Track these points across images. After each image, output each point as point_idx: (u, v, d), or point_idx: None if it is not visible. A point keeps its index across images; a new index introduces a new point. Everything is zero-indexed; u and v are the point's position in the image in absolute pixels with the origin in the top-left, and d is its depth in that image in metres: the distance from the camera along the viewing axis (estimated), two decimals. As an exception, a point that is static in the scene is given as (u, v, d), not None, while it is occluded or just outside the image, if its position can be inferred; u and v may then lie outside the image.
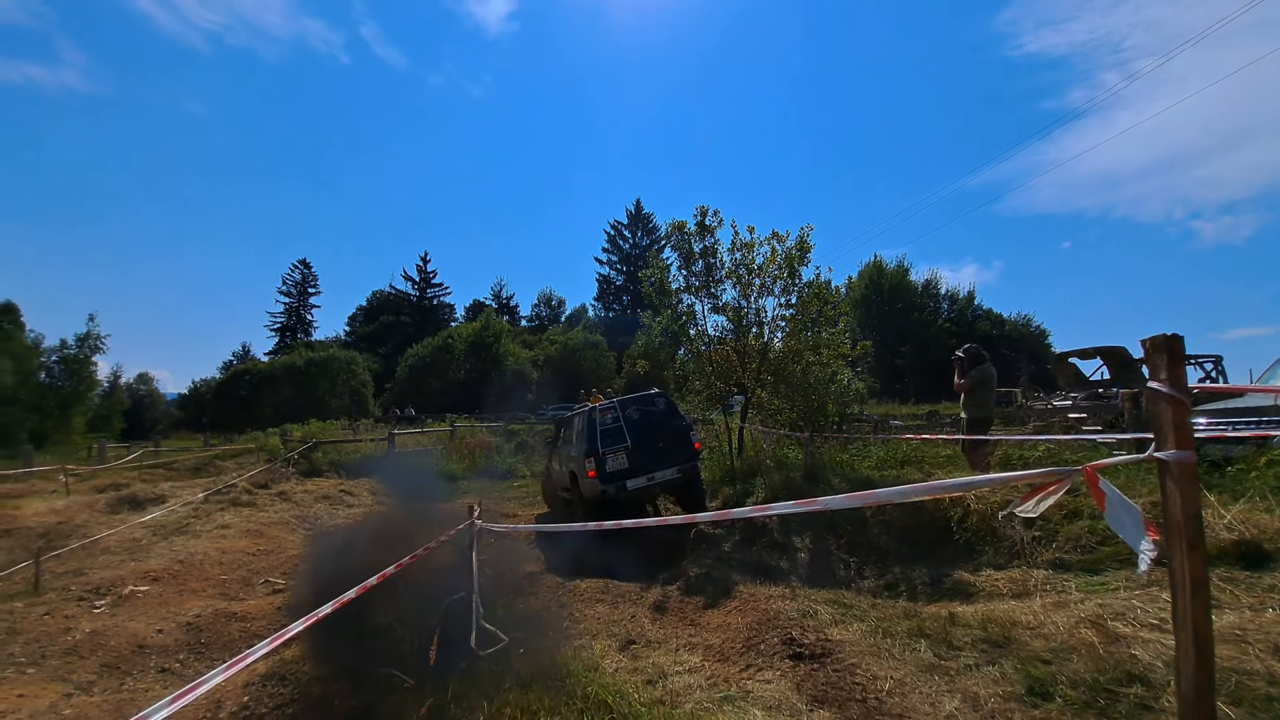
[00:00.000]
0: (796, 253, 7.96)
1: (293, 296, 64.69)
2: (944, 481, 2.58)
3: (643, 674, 3.78)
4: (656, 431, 7.73)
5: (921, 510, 5.69)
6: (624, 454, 7.47)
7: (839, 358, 8.37)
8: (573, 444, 8.35)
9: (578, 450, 7.91)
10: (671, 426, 7.86)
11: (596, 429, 7.59)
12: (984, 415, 6.53)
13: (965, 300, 43.08)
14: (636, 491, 7.44)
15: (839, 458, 7.83)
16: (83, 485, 12.52)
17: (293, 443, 16.98)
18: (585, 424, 7.88)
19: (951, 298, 43.45)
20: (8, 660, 5.06)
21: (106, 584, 7.12)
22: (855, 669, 3.46)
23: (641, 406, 8.00)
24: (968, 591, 4.58)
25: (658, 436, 7.68)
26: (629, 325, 46.84)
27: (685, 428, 7.91)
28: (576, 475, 7.84)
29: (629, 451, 7.48)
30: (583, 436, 7.85)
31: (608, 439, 7.55)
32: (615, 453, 7.44)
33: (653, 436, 7.66)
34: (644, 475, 7.40)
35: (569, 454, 8.39)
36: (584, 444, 7.71)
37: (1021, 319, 41.78)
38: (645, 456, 7.47)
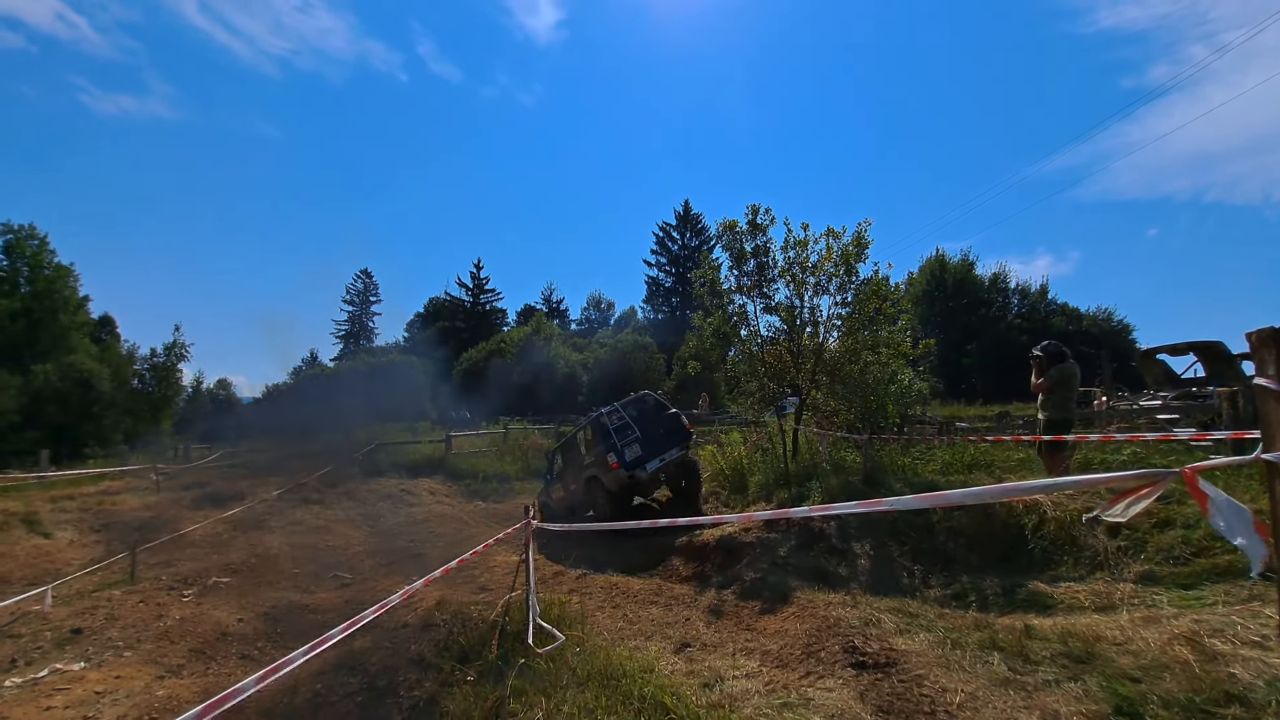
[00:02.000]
0: (853, 249, 7.71)
1: (356, 305, 67.96)
2: (1023, 483, 2.42)
3: (699, 677, 3.73)
4: (656, 422, 8.97)
5: (993, 516, 5.40)
6: (636, 444, 8.59)
7: (899, 357, 8.03)
8: (584, 454, 9.41)
9: (596, 453, 8.92)
10: (666, 415, 9.17)
11: (610, 428, 8.68)
12: (1063, 417, 6.12)
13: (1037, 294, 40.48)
14: (655, 471, 8.57)
15: (900, 461, 7.52)
16: (171, 483, 13.50)
17: (357, 444, 17.77)
18: (597, 428, 8.92)
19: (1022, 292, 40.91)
20: (107, 644, 5.50)
21: (193, 575, 7.65)
22: (923, 680, 3.32)
23: (637, 406, 9.23)
24: (1044, 603, 4.34)
25: (658, 425, 8.93)
26: (678, 327, 46.75)
27: (676, 415, 9.29)
28: (598, 476, 8.77)
29: (640, 441, 8.61)
30: (597, 439, 8.89)
31: (621, 434, 8.64)
32: (630, 444, 8.55)
33: (654, 426, 8.88)
34: (657, 458, 8.60)
35: (584, 464, 9.35)
36: (601, 444, 8.72)
37: (1101, 313, 38.99)
38: (654, 442, 8.68)
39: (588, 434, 9.54)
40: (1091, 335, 34.47)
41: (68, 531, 9.60)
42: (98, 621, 5.98)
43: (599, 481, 8.75)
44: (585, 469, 9.26)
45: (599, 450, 8.80)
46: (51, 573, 7.64)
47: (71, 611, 6.23)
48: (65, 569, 7.87)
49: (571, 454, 10.19)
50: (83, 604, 6.48)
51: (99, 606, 6.38)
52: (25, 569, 7.89)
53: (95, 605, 6.42)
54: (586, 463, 9.27)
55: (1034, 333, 31.03)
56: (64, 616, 6.09)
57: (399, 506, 12.74)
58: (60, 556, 8.52)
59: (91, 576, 7.47)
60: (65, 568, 7.95)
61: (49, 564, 8.14)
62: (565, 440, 10.77)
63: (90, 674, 4.81)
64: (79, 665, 5.03)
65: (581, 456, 9.65)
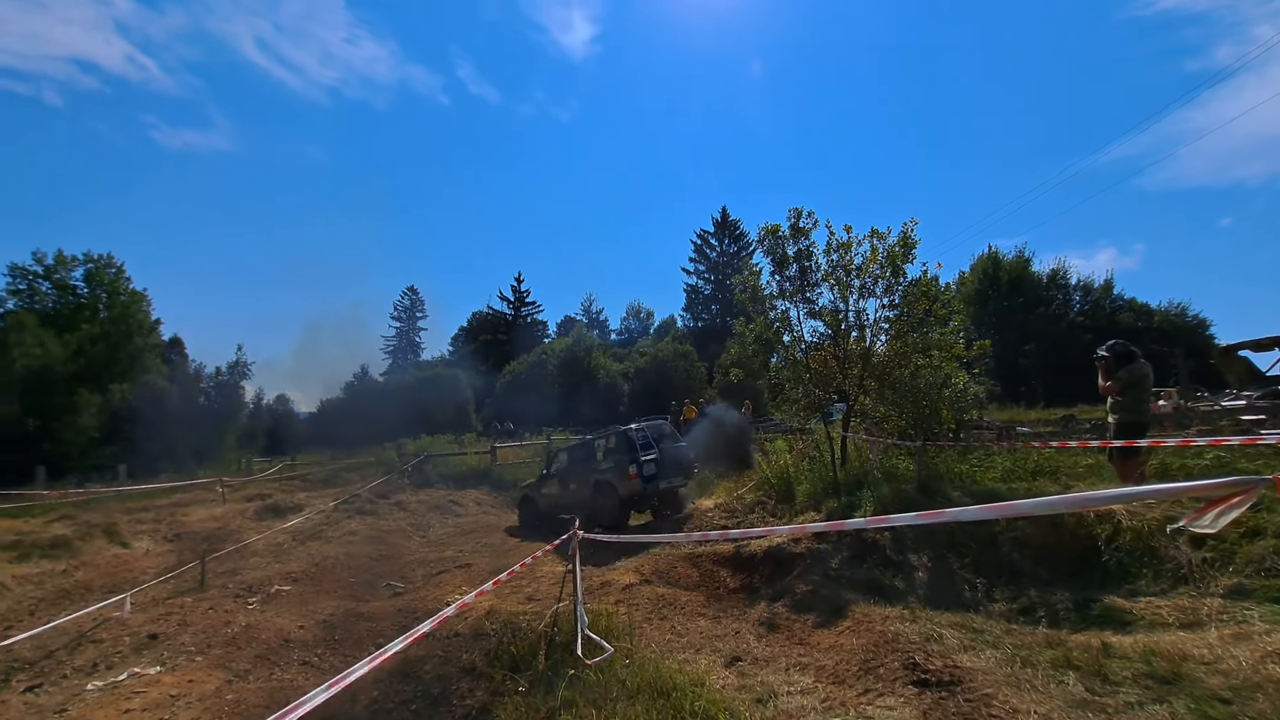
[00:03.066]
0: (899, 250, 7.47)
1: (403, 321, 70.15)
2: (1102, 493, 2.27)
3: (751, 692, 3.64)
4: (671, 448, 10.11)
5: (1061, 527, 5.10)
6: (654, 463, 9.63)
7: (952, 359, 7.72)
8: (599, 460, 10.34)
9: (615, 461, 9.89)
10: (679, 446, 10.43)
11: (636, 443, 9.74)
12: (1137, 420, 5.72)
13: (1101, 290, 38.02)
14: (663, 490, 9.74)
15: (957, 469, 7.19)
16: (235, 495, 14.16)
17: (406, 456, 18.29)
18: (622, 440, 10.01)
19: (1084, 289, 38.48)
20: (180, 649, 5.78)
21: (257, 583, 7.98)
22: (991, 700, 3.16)
23: (659, 429, 10.44)
24: (1123, 619, 4.07)
25: (673, 452, 10.07)
26: (719, 334, 46.39)
27: (686, 449, 10.59)
28: (613, 483, 9.72)
29: (657, 461, 9.68)
30: (620, 449, 9.92)
31: (644, 450, 9.71)
32: (649, 461, 9.59)
33: (670, 452, 10.00)
34: (666, 480, 9.70)
35: (597, 468, 10.25)
36: (624, 455, 9.71)
37: (1174, 308, 36.37)
38: (668, 466, 9.78)
39: (609, 443, 10.44)
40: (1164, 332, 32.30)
41: (144, 541, 10.18)
42: (171, 627, 6.29)
43: (612, 487, 9.71)
44: (598, 474, 10.13)
45: (619, 459, 9.77)
46: (129, 580, 8.10)
47: (148, 618, 6.58)
48: (142, 577, 8.33)
49: (581, 457, 11.01)
50: (158, 610, 6.84)
51: (172, 613, 6.72)
52: (106, 577, 8.39)
53: (169, 612, 6.77)
54: (601, 468, 10.15)
55: (1099, 331, 29.27)
56: (141, 622, 6.44)
57: (447, 517, 13.02)
58: (137, 565, 9.04)
59: (165, 584, 7.88)
60: (142, 576, 8.42)
61: (127, 572, 8.64)
62: (577, 444, 11.55)
63: (165, 678, 5.05)
64: (155, 669, 5.30)
65: (594, 462, 10.47)
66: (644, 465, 9.52)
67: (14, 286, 32.92)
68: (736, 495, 10.12)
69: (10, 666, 5.57)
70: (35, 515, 10.50)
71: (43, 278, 33.50)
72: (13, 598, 7.51)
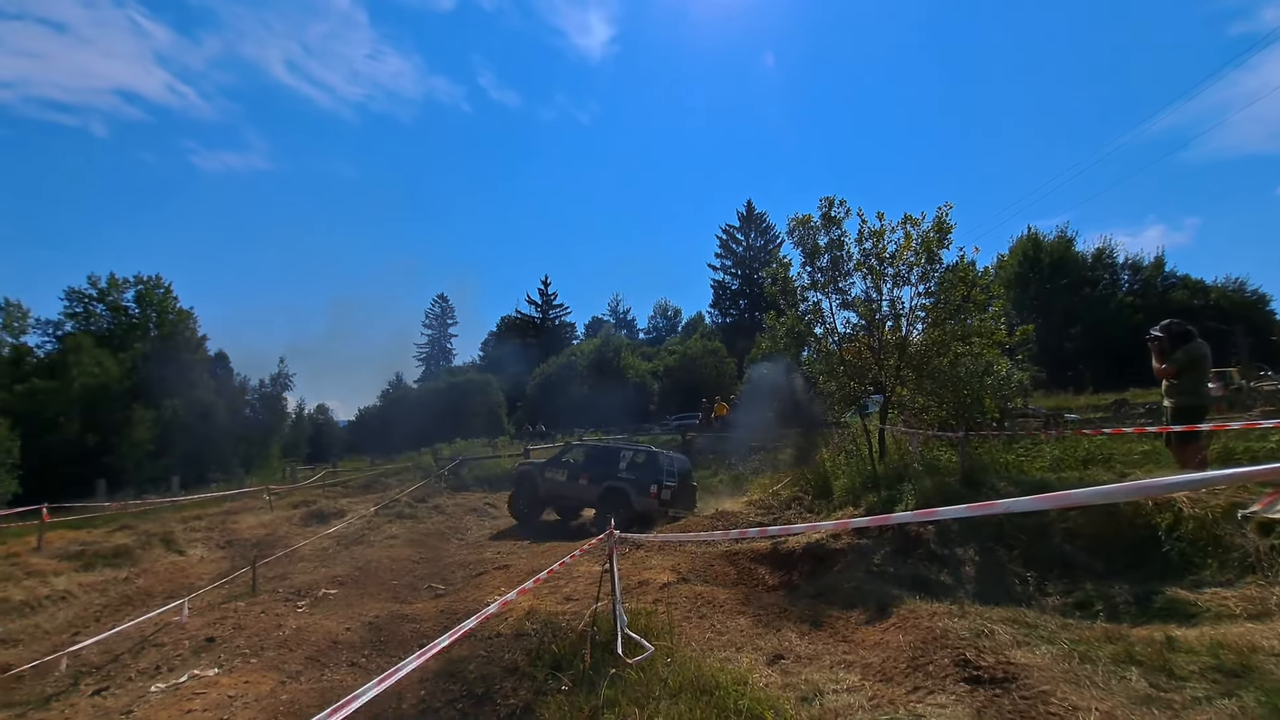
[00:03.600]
0: (934, 235, 7.25)
1: (434, 328, 71.61)
2: (1161, 480, 2.13)
3: (796, 690, 3.57)
4: (686, 484, 11.29)
5: (1117, 516, 4.89)
6: (670, 490, 10.68)
7: (993, 346, 7.46)
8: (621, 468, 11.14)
9: (639, 475, 10.83)
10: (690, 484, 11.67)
11: (662, 469, 10.73)
12: (1196, 403, 5.43)
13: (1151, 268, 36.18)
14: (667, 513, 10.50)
15: (1003, 459, 6.94)
16: (282, 502, 14.62)
17: (442, 460, 18.65)
18: (650, 459, 10.99)
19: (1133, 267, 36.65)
20: (235, 651, 5.99)
21: (305, 587, 8.22)
22: (1049, 697, 3.04)
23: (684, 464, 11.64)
24: (1187, 612, 3.90)
25: (685, 486, 11.23)
26: (748, 329, 46.00)
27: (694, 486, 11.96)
28: (629, 493, 10.60)
29: (674, 490, 10.75)
30: (648, 467, 10.86)
31: (668, 476, 10.74)
32: (668, 488, 10.60)
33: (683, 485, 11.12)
34: (674, 508, 10.61)
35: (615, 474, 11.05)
36: (649, 474, 10.70)
37: (1231, 284, 34.44)
38: (678, 494, 10.84)
39: (638, 458, 11.23)
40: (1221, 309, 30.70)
41: (198, 549, 10.59)
42: (227, 631, 6.52)
43: (627, 496, 10.56)
44: (616, 480, 10.91)
45: (644, 476, 10.71)
46: (186, 586, 8.43)
47: (205, 622, 6.84)
48: (198, 583, 8.67)
49: (599, 458, 11.61)
50: (213, 615, 7.10)
51: (227, 617, 6.97)
52: (165, 583, 8.76)
53: (224, 616, 7.02)
54: (622, 477, 10.95)
55: (1150, 311, 27.95)
56: (199, 626, 6.69)
57: (484, 519, 13.21)
58: (193, 571, 9.41)
59: (220, 589, 8.18)
60: (198, 582, 8.76)
61: (184, 579, 9.00)
62: (599, 446, 12.23)
63: (223, 679, 5.24)
64: (213, 671, 5.50)
65: (615, 468, 11.17)
66: (664, 490, 10.49)
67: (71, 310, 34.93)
68: (771, 491, 10.01)
69: (79, 671, 5.86)
70: (97, 526, 11.03)
71: (97, 300, 35.39)
72: (80, 605, 7.90)
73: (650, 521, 10.47)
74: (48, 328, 34.00)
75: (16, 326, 32.24)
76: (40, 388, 28.12)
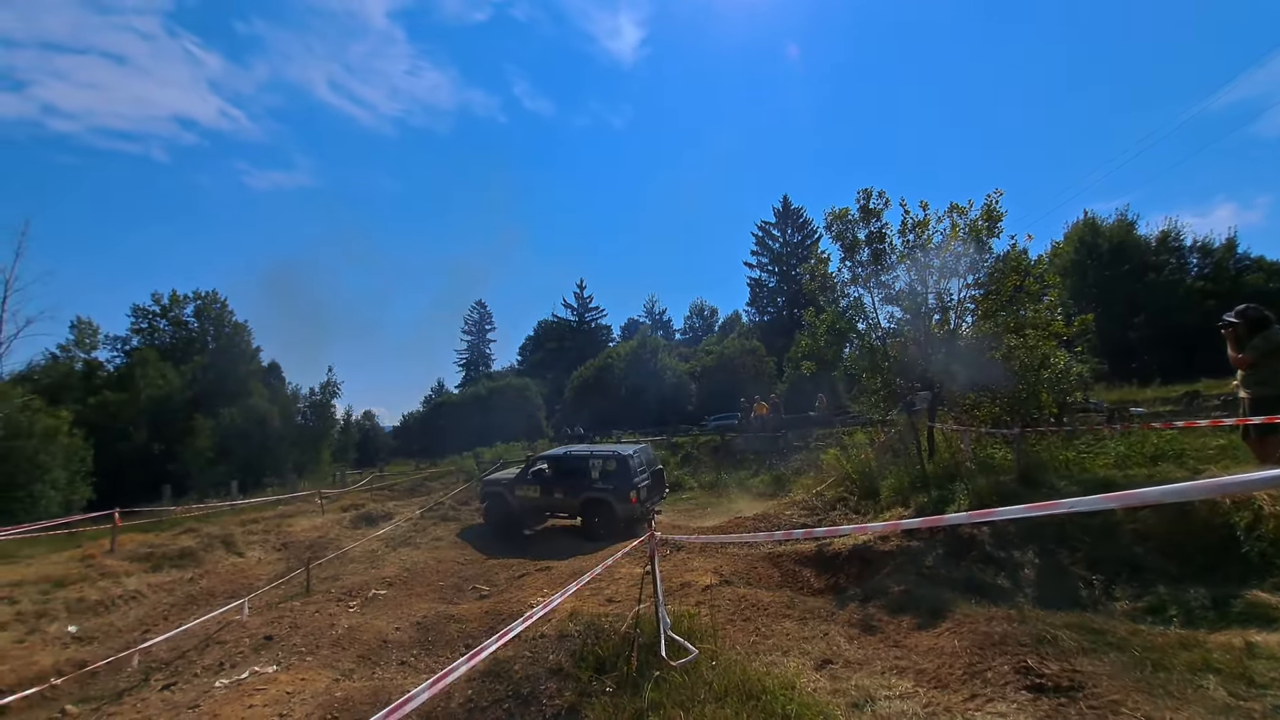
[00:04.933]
0: (983, 224, 6.95)
1: (474, 334, 73.00)
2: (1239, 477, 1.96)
3: (845, 696, 3.47)
4: (655, 473, 11.72)
5: (1191, 516, 4.60)
6: (645, 488, 10.77)
7: (1050, 338, 7.11)
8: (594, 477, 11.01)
9: (614, 483, 10.71)
10: (657, 470, 12.04)
11: (634, 469, 10.76)
12: (1276, 394, 5.06)
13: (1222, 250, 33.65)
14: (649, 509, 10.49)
15: (1062, 456, 6.59)
16: (332, 506, 15.13)
17: (484, 463, 18.97)
18: (621, 463, 10.85)
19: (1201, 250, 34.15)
20: (292, 649, 6.21)
21: (356, 588, 8.48)
22: (1119, 707, 2.89)
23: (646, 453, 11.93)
24: (1269, 616, 3.68)
25: (656, 476, 11.67)
26: (786, 327, 45.34)
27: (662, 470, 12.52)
28: (610, 502, 10.61)
29: (648, 487, 10.96)
30: (620, 472, 10.76)
31: (639, 476, 10.78)
32: (642, 486, 10.67)
33: (654, 476, 11.51)
34: (652, 500, 11.04)
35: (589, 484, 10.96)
36: (623, 479, 10.63)
37: (1311, 264, 32.19)
38: (652, 488, 11.23)
39: (608, 465, 11.04)
40: (1301, 292, 28.57)
41: (256, 551, 11.05)
42: (284, 629, 6.78)
43: (608, 505, 10.61)
44: (593, 491, 10.84)
45: (619, 482, 10.62)
46: (246, 587, 8.81)
47: (263, 620, 7.12)
48: (256, 583, 9.04)
49: (571, 470, 11.40)
50: (272, 614, 7.39)
51: (284, 616, 7.24)
52: (226, 584, 9.17)
53: (281, 615, 7.30)
54: (596, 486, 10.86)
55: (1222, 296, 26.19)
56: (258, 625, 6.98)
57: (525, 521, 13.34)
58: (252, 572, 9.82)
59: (276, 590, 8.51)
60: (256, 582, 9.14)
61: (244, 579, 9.40)
62: (564, 456, 11.86)
63: (281, 676, 5.44)
64: (272, 668, 5.71)
65: (587, 478, 11.03)
66: (640, 490, 10.53)
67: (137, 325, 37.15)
68: (816, 492, 9.80)
69: (150, 666, 6.18)
70: (164, 529, 11.64)
71: (160, 316, 37.54)
72: (149, 604, 8.34)
73: (634, 524, 10.47)
74: (116, 343, 36.41)
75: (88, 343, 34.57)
76: (111, 400, 29.97)
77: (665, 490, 12.15)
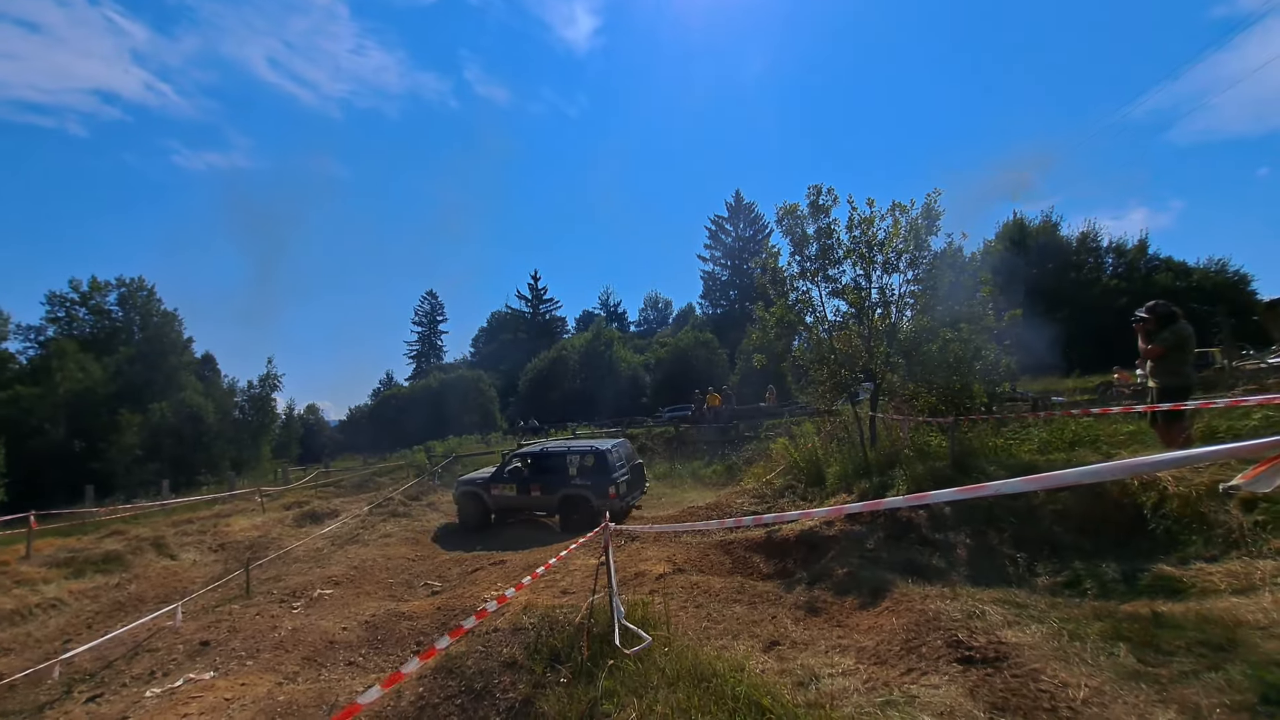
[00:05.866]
0: (923, 222, 7.29)
1: (424, 325, 71.05)
2: (1146, 459, 2.17)
3: (793, 675, 3.62)
4: (635, 467, 11.47)
5: (1104, 497, 4.96)
6: (624, 483, 10.66)
7: (982, 332, 7.53)
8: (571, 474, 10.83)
9: (593, 479, 10.48)
10: (637, 464, 11.73)
11: (612, 465, 10.51)
12: (1181, 384, 5.52)
13: (1135, 251, 36.45)
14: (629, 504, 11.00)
15: (992, 443, 7.01)
16: (274, 504, 14.52)
17: (435, 458, 18.59)
18: (599, 459, 10.60)
19: (1117, 250, 36.97)
20: (231, 654, 5.96)
21: (300, 588, 8.19)
22: (1039, 675, 3.10)
23: (625, 447, 11.65)
24: (1173, 588, 3.97)
25: (635, 470, 11.42)
26: (738, 320, 46.05)
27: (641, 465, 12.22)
28: (589, 498, 10.34)
29: (628, 481, 10.86)
30: (598, 468, 10.53)
31: (618, 471, 10.55)
32: (621, 481, 10.53)
33: (634, 471, 11.30)
34: (632, 495, 11.13)
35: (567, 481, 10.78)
36: (601, 475, 10.39)
37: (1213, 265, 34.81)
38: (632, 483, 11.11)
39: (585, 460, 10.84)
40: (1204, 290, 31.07)
41: (190, 553, 10.51)
42: (222, 634, 6.49)
43: (586, 501, 10.33)
44: (571, 488, 10.64)
45: (598, 479, 10.40)
46: (180, 591, 8.37)
47: (199, 625, 6.80)
48: (191, 587, 8.61)
49: (547, 467, 11.21)
50: (208, 618, 7.06)
51: (222, 620, 6.93)
52: (157, 588, 8.70)
53: (219, 619, 6.99)
54: (576, 483, 10.65)
55: (1135, 293, 28.24)
56: (193, 630, 6.66)
57: (479, 515, 13.15)
58: (186, 576, 9.34)
59: (213, 593, 8.13)
60: (191, 586, 8.70)
61: (177, 583, 8.94)
62: (539, 453, 11.65)
63: (219, 682, 5.22)
64: (209, 674, 5.48)
65: (564, 475, 10.87)
66: (620, 485, 10.44)
67: (53, 314, 34.37)
68: (766, 481, 10.08)
69: (72, 678, 5.81)
70: (87, 532, 10.91)
71: (79, 304, 34.85)
72: (71, 612, 7.83)
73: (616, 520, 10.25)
74: (29, 333, 33.56)
75: (-4, 332, 31.77)
76: (23, 394, 27.72)
77: (645, 485, 12.00)
